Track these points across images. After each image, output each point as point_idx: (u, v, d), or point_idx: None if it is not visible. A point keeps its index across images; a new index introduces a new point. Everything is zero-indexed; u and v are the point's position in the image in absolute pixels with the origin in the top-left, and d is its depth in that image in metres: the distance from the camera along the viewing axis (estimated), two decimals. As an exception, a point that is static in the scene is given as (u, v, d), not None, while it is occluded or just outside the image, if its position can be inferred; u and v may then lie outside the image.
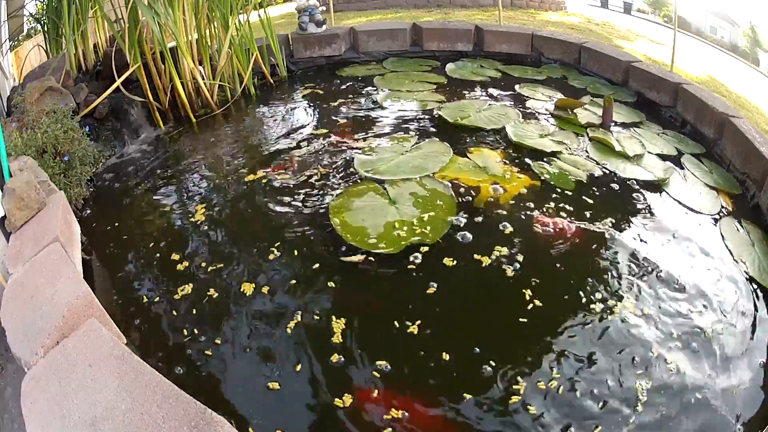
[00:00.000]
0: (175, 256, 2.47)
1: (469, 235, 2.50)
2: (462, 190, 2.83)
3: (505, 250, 2.39)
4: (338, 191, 2.86)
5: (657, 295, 2.22)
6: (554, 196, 2.82)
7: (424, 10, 8.34)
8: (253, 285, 2.26)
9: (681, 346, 2.00)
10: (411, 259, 2.35)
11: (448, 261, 2.33)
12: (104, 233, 2.73)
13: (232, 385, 1.84)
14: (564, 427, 1.68)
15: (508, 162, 3.14)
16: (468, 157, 3.16)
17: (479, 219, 2.61)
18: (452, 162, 3.09)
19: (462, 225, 2.56)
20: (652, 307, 2.15)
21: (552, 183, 2.93)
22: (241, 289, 2.24)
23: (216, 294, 2.23)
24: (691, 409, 1.77)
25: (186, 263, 2.42)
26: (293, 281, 2.27)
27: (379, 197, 2.78)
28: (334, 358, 1.91)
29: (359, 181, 2.95)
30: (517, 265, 2.31)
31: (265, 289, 2.23)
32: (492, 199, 2.77)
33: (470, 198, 2.77)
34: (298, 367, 1.89)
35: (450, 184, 2.86)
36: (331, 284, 2.24)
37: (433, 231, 2.50)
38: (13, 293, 1.88)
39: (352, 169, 3.07)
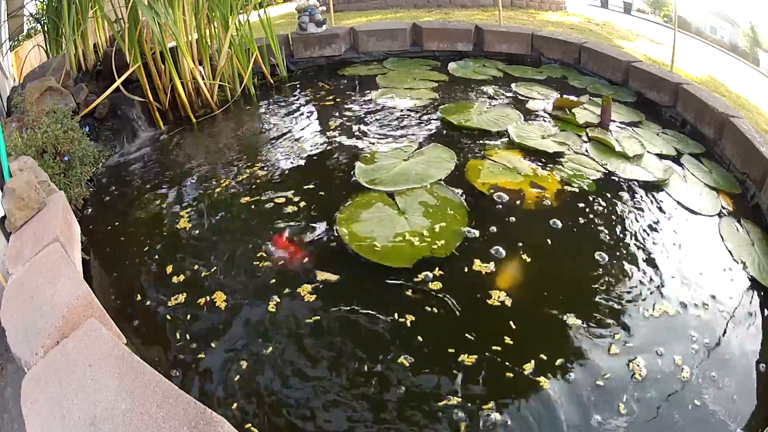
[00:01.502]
0: (175, 257, 2.47)
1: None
2: (507, 195, 2.79)
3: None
4: (342, 195, 2.83)
5: (657, 296, 2.22)
6: (578, 191, 2.87)
7: (424, 10, 8.35)
8: (250, 287, 2.27)
9: (680, 346, 1.99)
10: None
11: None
12: (104, 233, 2.73)
13: (231, 384, 1.85)
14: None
15: (526, 158, 3.14)
16: (492, 160, 3.13)
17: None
18: (479, 167, 3.04)
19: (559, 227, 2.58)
20: (651, 307, 2.15)
21: (573, 181, 2.95)
22: (239, 290, 2.24)
23: (215, 295, 2.23)
24: (689, 411, 1.76)
25: (185, 264, 2.42)
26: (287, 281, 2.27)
27: (387, 208, 2.70)
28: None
29: (365, 186, 2.90)
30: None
31: (261, 290, 2.23)
32: (539, 198, 2.77)
33: (519, 201, 2.75)
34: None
35: (460, 191, 2.83)
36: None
37: (445, 244, 2.44)
38: (13, 293, 1.88)
39: (352, 174, 3.02)
